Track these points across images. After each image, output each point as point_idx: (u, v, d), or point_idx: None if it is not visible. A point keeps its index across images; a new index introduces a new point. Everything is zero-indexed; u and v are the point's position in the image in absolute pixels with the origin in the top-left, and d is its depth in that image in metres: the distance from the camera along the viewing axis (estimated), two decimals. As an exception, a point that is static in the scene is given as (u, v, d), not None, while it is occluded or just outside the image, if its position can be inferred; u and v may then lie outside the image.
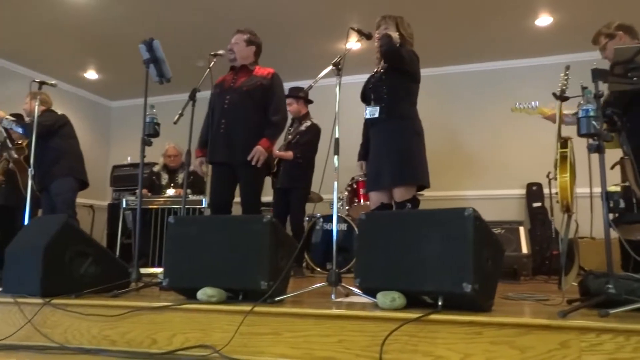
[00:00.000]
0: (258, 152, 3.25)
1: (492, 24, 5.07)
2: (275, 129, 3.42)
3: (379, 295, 1.85)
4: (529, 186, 5.65)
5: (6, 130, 4.28)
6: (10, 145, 4.38)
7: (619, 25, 3.02)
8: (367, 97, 3.17)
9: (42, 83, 3.72)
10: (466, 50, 5.72)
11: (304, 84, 6.16)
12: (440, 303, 1.78)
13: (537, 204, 5.56)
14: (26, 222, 3.53)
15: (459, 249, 1.76)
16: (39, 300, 2.23)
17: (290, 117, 4.47)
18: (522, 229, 4.48)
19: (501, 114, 5.90)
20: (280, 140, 4.26)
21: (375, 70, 3.24)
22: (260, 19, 4.85)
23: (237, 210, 3.41)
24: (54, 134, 4.21)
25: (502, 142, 5.87)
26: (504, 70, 6.02)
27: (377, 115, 3.05)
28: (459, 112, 6.07)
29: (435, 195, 5.30)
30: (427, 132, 3.19)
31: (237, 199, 3.38)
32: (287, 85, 6.19)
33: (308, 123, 4.57)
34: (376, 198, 3.10)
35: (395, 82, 3.05)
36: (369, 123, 3.18)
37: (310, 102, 4.70)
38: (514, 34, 5.29)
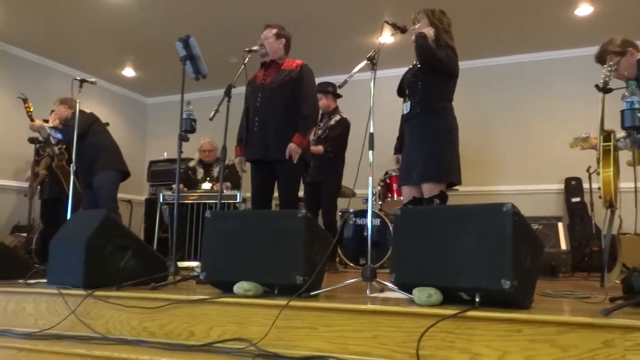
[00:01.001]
0: (292, 151, 3.29)
1: (528, 14, 4.93)
2: (306, 122, 3.38)
3: (415, 291, 1.84)
4: (568, 181, 5.49)
5: (46, 137, 4.45)
6: (52, 142, 4.54)
7: (624, 42, 2.93)
8: (403, 91, 3.15)
9: (82, 81, 3.82)
10: (501, 42, 5.59)
11: (336, 78, 6.16)
12: (477, 300, 1.75)
13: (576, 199, 5.41)
14: (69, 216, 3.65)
15: (498, 245, 1.73)
16: (82, 292, 2.30)
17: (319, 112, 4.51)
18: (560, 225, 4.37)
19: (537, 106, 5.78)
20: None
21: (415, 64, 3.20)
22: (292, 14, 4.87)
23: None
24: (87, 132, 4.34)
25: (538, 135, 5.73)
26: (541, 62, 5.86)
27: (411, 110, 3.03)
28: (493, 105, 5.94)
29: (470, 190, 5.23)
30: (462, 125, 3.15)
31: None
32: (319, 81, 6.21)
33: (337, 117, 4.58)
34: (408, 192, 3.11)
35: (430, 78, 3.02)
36: (404, 118, 3.16)
37: (339, 96, 4.70)
38: (551, 24, 5.13)
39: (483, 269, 1.73)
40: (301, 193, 4.68)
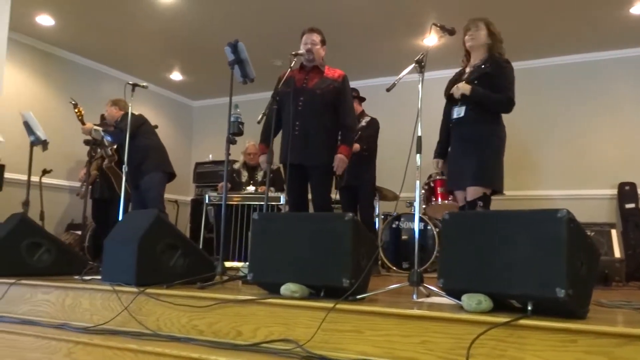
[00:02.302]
0: (341, 162, 3.36)
1: (581, 13, 4.78)
2: (351, 133, 3.53)
3: (464, 297, 1.81)
4: (621, 186, 5.28)
5: (100, 139, 4.63)
6: (106, 144, 4.72)
7: None
8: (452, 96, 3.12)
9: (135, 85, 3.95)
10: (552, 42, 5.43)
11: (379, 81, 6.18)
12: (529, 308, 1.70)
13: (630, 205, 5.19)
14: (120, 217, 3.78)
15: (552, 252, 1.68)
16: (134, 289, 2.38)
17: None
18: (614, 232, 4.20)
19: (590, 109, 5.58)
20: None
21: (462, 68, 3.19)
22: (337, 16, 4.88)
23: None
24: (137, 134, 4.48)
25: (590, 139, 5.54)
26: (593, 62, 5.66)
27: (463, 115, 3.03)
28: (543, 106, 5.78)
29: (518, 195, 5.11)
30: (509, 128, 3.11)
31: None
32: (363, 83, 6.22)
33: (368, 118, 4.71)
34: (461, 196, 3.12)
35: (486, 86, 3.01)
36: (453, 123, 3.12)
37: (363, 99, 4.78)
38: (605, 24, 4.96)
39: (536, 277, 1.69)
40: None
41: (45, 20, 5.20)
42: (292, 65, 3.17)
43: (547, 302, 1.68)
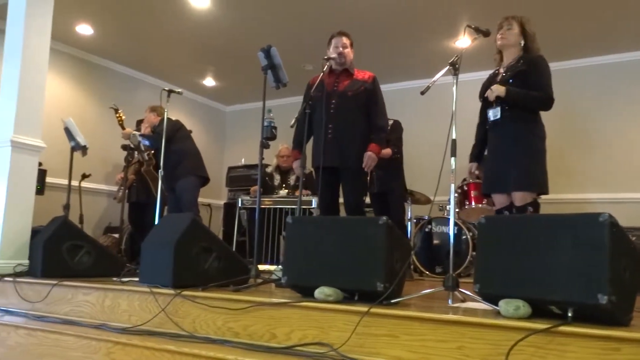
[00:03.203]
0: (370, 159, 3.34)
1: (624, 11, 4.64)
2: (382, 134, 3.51)
3: (502, 302, 1.78)
4: (665, 189, 5.10)
5: (137, 144, 4.74)
6: (142, 149, 4.83)
7: None
8: (487, 98, 3.06)
9: (170, 91, 4.04)
10: (594, 41, 5.29)
11: (412, 84, 6.13)
12: (570, 314, 1.66)
13: (674, 209, 5.00)
14: (156, 220, 3.86)
15: (593, 257, 1.63)
16: (171, 291, 2.42)
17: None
18: (658, 237, 4.07)
19: (633, 109, 5.40)
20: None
21: (496, 69, 3.13)
22: (368, 20, 4.88)
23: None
24: (173, 139, 4.57)
25: (633, 140, 5.36)
26: (633, 62, 5.48)
27: (499, 117, 2.96)
28: (583, 107, 5.61)
29: (557, 199, 4.98)
30: (549, 130, 3.03)
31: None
32: (394, 87, 6.19)
33: (390, 121, 4.61)
34: (500, 200, 3.06)
35: (521, 87, 2.93)
36: (490, 125, 3.07)
37: None
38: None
39: (577, 282, 1.65)
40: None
41: (84, 29, 5.38)
42: (324, 69, 3.18)
43: (589, 308, 1.63)
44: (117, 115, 4.84)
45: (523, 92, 2.88)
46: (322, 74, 3.22)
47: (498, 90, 2.90)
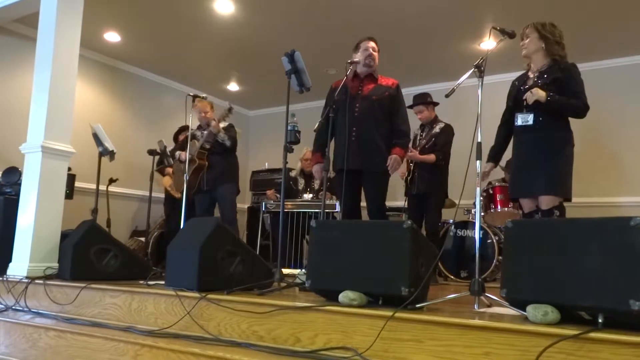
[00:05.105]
0: (396, 162, 3.37)
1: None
2: (407, 138, 3.58)
3: (530, 308, 1.74)
4: (699, 192, 4.94)
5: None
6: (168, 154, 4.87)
7: None
8: (518, 102, 3.05)
9: (195, 97, 4.10)
10: (618, 43, 5.17)
11: (436, 86, 6.08)
12: (600, 320, 1.62)
13: None
14: (182, 224, 3.90)
15: (624, 262, 1.59)
16: (196, 295, 2.45)
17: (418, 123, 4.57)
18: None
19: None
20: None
21: (526, 73, 3.13)
22: (392, 23, 4.86)
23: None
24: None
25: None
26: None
27: (530, 122, 2.97)
28: (612, 109, 5.48)
29: (584, 202, 4.87)
30: (577, 131, 3.00)
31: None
32: (418, 89, 6.15)
33: (441, 124, 4.53)
34: (527, 204, 3.09)
35: (554, 91, 2.94)
36: (518, 129, 3.06)
37: (437, 104, 4.64)
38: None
39: (608, 288, 1.61)
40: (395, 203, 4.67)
41: (112, 36, 5.49)
42: (347, 73, 3.19)
43: (620, 314, 1.60)
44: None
45: (563, 98, 2.90)
46: (345, 77, 3.22)
47: (538, 94, 2.88)
